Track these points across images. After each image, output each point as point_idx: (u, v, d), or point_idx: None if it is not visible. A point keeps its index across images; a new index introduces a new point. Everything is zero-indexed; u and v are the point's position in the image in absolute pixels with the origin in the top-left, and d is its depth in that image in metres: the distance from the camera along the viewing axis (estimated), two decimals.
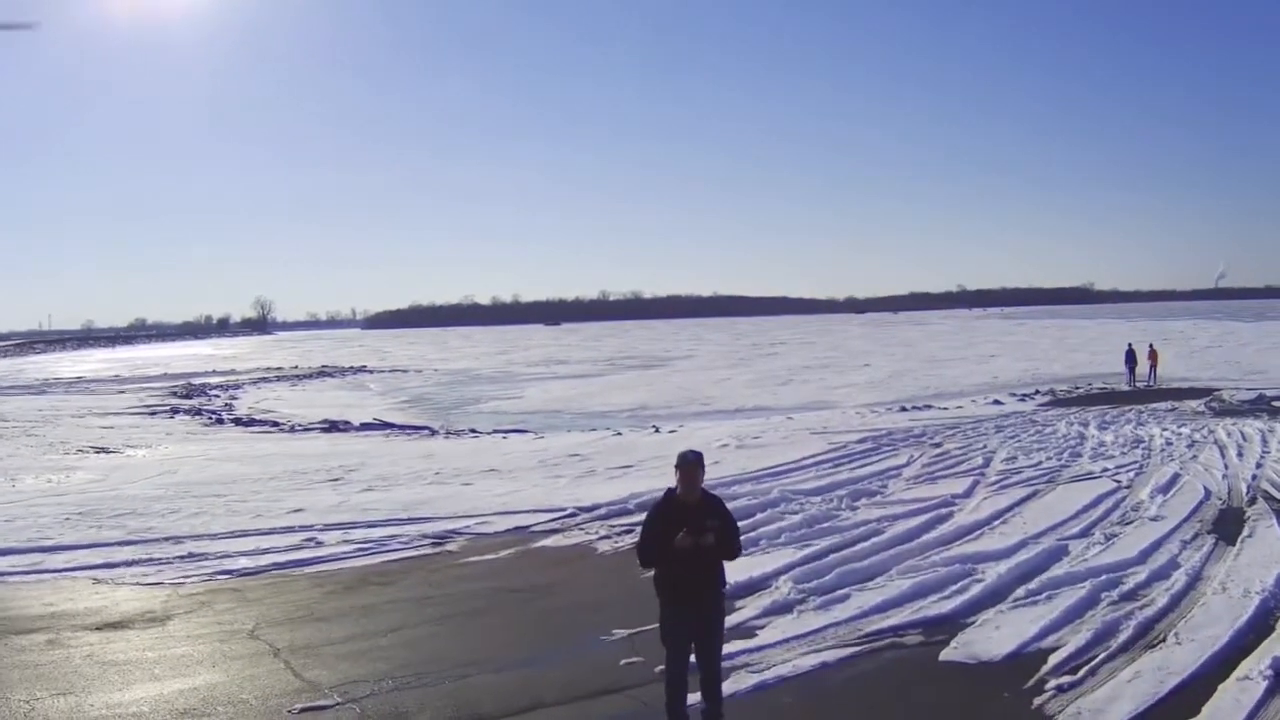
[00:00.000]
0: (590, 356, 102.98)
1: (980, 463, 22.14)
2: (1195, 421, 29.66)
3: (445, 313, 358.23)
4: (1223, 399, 35.83)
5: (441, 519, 17.29)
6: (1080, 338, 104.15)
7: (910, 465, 22.15)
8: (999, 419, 31.57)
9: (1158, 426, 28.29)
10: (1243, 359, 62.95)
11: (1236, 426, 27.63)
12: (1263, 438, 25.01)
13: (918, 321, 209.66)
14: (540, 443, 29.44)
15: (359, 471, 23.43)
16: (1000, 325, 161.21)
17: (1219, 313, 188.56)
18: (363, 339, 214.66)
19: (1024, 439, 26.22)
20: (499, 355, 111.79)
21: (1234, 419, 29.89)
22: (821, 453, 24.02)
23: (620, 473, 22.29)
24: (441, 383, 71.67)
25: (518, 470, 23.20)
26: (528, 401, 52.85)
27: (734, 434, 28.46)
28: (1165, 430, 27.24)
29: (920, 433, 27.74)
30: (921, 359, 76.85)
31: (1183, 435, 26.07)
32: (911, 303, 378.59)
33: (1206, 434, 26.23)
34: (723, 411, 43.42)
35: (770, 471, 21.45)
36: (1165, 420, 30.23)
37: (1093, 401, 37.94)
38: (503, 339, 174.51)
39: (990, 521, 16.22)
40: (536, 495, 19.49)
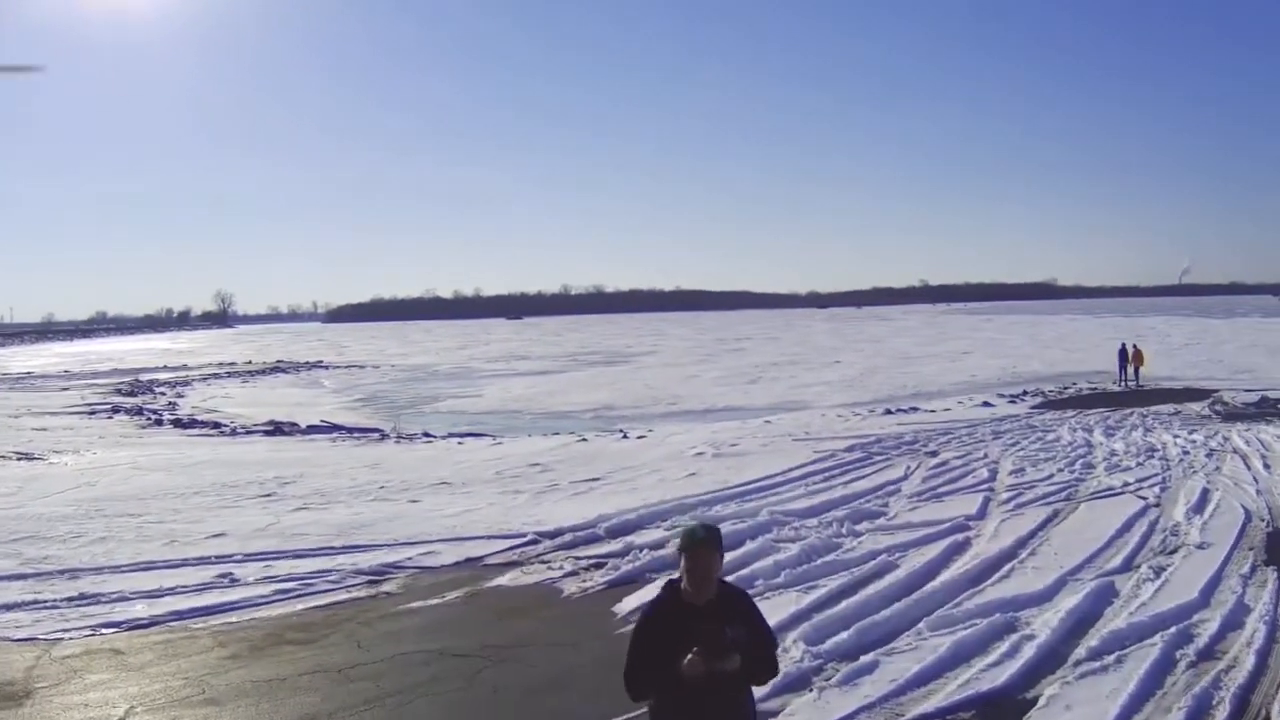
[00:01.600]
0: (551, 352, 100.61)
1: (986, 476, 20.08)
2: (1205, 427, 27.76)
3: (407, 306, 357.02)
4: (1225, 401, 34.38)
5: (381, 547, 14.92)
6: (1051, 334, 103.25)
7: (909, 479, 19.99)
8: (994, 423, 29.52)
9: (1167, 433, 26.27)
10: (1225, 357, 61.28)
11: (1252, 433, 25.75)
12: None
13: (881, 317, 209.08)
14: (498, 449, 27.01)
15: (295, 485, 20.96)
16: (967, 321, 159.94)
17: (1186, 309, 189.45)
18: (322, 333, 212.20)
19: (1027, 447, 24.19)
20: (459, 350, 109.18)
21: (1245, 424, 28.07)
22: (808, 463, 21.85)
23: (586, 487, 19.95)
24: (398, 379, 69.20)
25: (472, 483, 20.82)
26: (486, 400, 50.39)
27: (709, 441, 26.31)
28: (1177, 437, 25.28)
29: (912, 439, 25.59)
30: (892, 356, 74.92)
31: (1197, 443, 24.15)
32: (874, 297, 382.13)
33: (1222, 441, 24.35)
34: (691, 412, 41.36)
35: (755, 487, 19.18)
36: (1173, 425, 28.25)
37: (1087, 403, 35.92)
38: (463, 333, 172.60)
39: (1016, 551, 14.09)
40: (492, 516, 17.11)
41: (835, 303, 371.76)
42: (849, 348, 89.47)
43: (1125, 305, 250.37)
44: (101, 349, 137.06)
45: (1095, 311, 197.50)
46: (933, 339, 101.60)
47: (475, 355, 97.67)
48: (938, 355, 74.44)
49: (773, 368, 66.48)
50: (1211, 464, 21.00)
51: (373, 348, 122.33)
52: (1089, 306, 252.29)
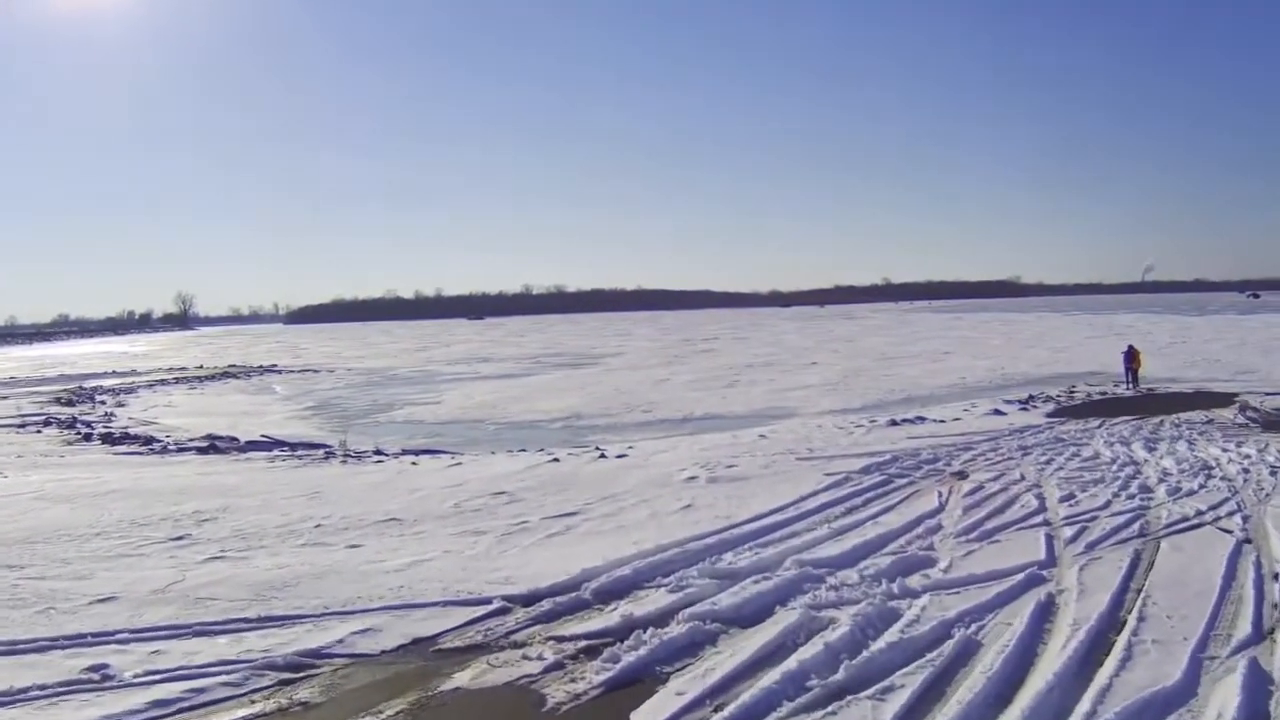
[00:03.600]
0: (514, 353, 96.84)
1: (1034, 505, 17.03)
2: (1249, 438, 24.97)
3: (368, 307, 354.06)
4: (1254, 407, 31.30)
5: (305, 620, 11.55)
6: (1028, 333, 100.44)
7: (946, 510, 16.97)
8: (1014, 436, 26.54)
9: (1215, 446, 23.35)
10: (1219, 356, 58.46)
11: None
12: None
13: (847, 315, 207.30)
14: (457, 471, 23.48)
15: (216, 523, 17.45)
16: (935, 319, 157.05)
17: (1156, 306, 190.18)
18: (282, 335, 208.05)
19: (1065, 465, 21.21)
20: (418, 352, 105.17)
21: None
22: (821, 489, 18.78)
23: (561, 525, 16.54)
24: (353, 384, 65.34)
25: (425, 519, 17.37)
26: (446, 407, 46.72)
27: (700, 460, 23.09)
28: (1227, 451, 22.44)
29: (931, 457, 22.56)
30: (871, 357, 71.63)
31: (1251, 458, 21.43)
32: (836, 296, 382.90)
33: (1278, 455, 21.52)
34: (669, 421, 38.11)
35: (766, 524, 16.03)
36: (1214, 436, 25.35)
37: (1106, 411, 32.78)
38: (424, 334, 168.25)
39: (1118, 616, 11.23)
40: (448, 569, 13.73)
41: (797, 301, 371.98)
42: (822, 348, 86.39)
43: (1092, 303, 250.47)
44: (57, 353, 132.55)
45: (1063, 309, 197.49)
46: (906, 338, 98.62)
47: (435, 358, 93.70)
48: (917, 355, 71.49)
49: (747, 370, 63.02)
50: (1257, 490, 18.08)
51: (330, 350, 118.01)
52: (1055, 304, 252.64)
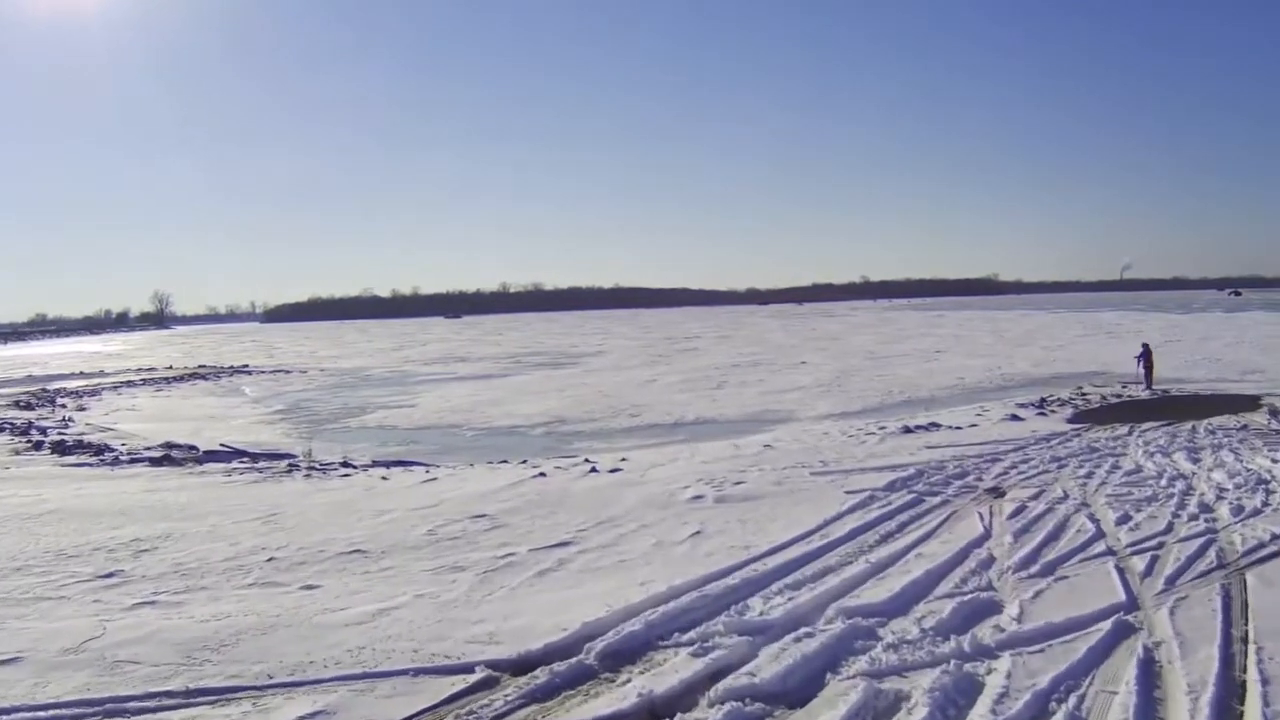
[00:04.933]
0: (492, 353, 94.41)
1: (1090, 529, 14.90)
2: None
3: (344, 305, 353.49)
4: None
5: (243, 694, 9.24)
6: (1016, 331, 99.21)
7: (993, 536, 14.81)
8: (1041, 445, 24.60)
9: (1262, 457, 21.33)
10: (1221, 356, 57.34)
11: None
12: None
13: (827, 313, 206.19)
14: (433, 488, 21.10)
15: (154, 554, 15.07)
16: (918, 317, 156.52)
17: (1140, 303, 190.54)
18: (257, 334, 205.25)
19: (1109, 480, 19.18)
20: (394, 352, 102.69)
21: None
22: (846, 511, 16.53)
23: (553, 561, 14.08)
24: (326, 386, 63.01)
25: (394, 551, 14.97)
26: (421, 411, 44.31)
27: (703, 475, 20.84)
28: (1277, 462, 20.33)
29: (958, 470, 20.51)
30: (860, 355, 69.95)
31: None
32: (814, 294, 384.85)
33: None
34: (659, 426, 36.04)
35: (791, 557, 13.73)
36: (1256, 445, 23.47)
37: (1129, 415, 30.76)
38: (400, 333, 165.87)
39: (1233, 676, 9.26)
40: (421, 620, 11.35)
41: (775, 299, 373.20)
42: (808, 346, 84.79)
43: (1072, 300, 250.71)
44: (29, 353, 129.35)
45: (1045, 307, 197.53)
46: (893, 336, 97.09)
47: (411, 357, 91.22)
48: (908, 354, 69.91)
49: (734, 370, 61.07)
50: None
51: (305, 350, 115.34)
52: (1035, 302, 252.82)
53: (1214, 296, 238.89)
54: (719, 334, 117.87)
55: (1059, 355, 63.13)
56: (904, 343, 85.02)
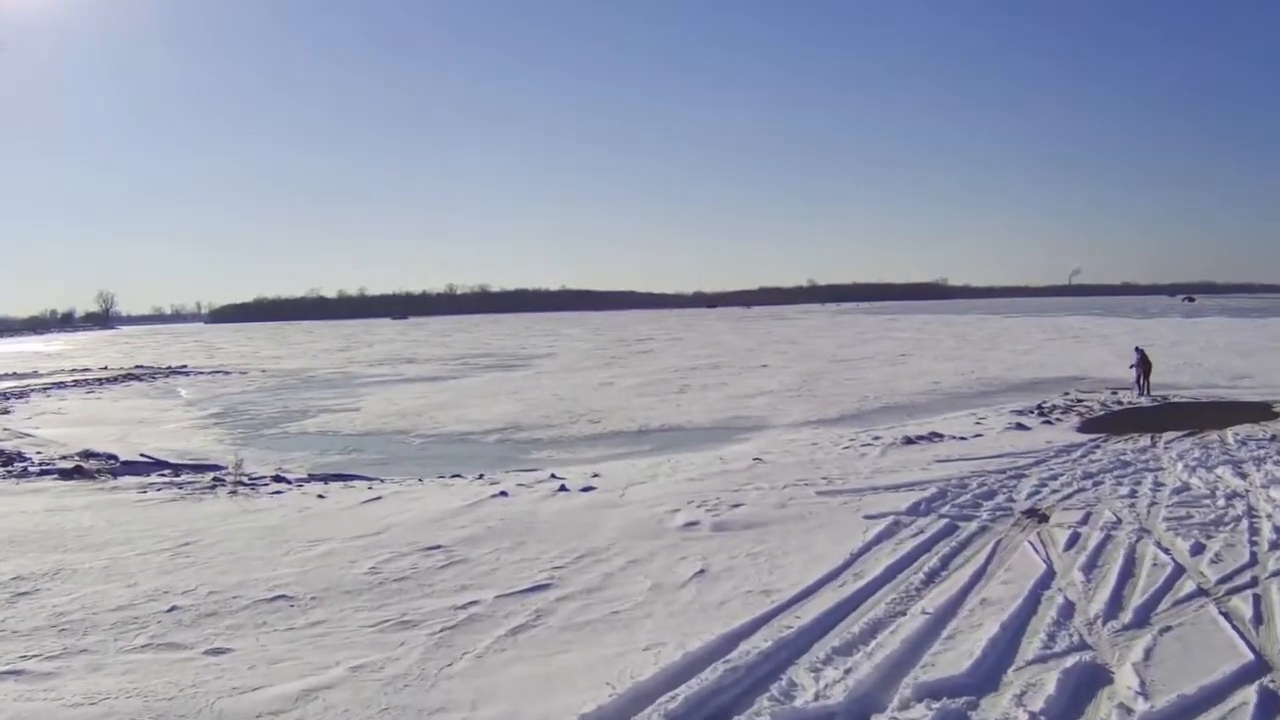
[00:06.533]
0: (440, 354, 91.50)
1: (1167, 563, 12.61)
2: None
3: (290, 306, 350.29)
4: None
5: None
6: (977, 335, 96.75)
7: (1060, 575, 12.27)
8: (1063, 457, 22.22)
9: None
10: (1201, 360, 55.41)
11: None
12: None
13: (778, 316, 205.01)
14: (376, 510, 18.05)
15: (35, 599, 12.07)
16: (873, 321, 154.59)
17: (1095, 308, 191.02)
18: (201, 334, 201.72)
19: (1157, 499, 16.96)
20: (339, 353, 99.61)
21: None
22: (872, 542, 13.98)
23: (530, 613, 11.12)
24: (266, 387, 59.91)
25: (328, 597, 12.00)
26: (366, 415, 41.32)
27: (691, 494, 18.10)
28: None
29: (984, 489, 18.03)
30: (822, 359, 67.37)
31: None
32: (762, 297, 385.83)
33: None
34: (623, 434, 33.30)
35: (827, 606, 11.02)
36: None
37: (1142, 424, 28.29)
38: (345, 334, 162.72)
39: None
40: (357, 710, 8.42)
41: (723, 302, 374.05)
42: (765, 349, 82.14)
43: (1024, 305, 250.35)
44: None
45: (999, 311, 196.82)
46: (850, 340, 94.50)
47: (356, 358, 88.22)
48: (872, 358, 67.45)
49: (693, 373, 58.36)
50: None
51: (247, 350, 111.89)
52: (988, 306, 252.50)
53: (1168, 302, 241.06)
54: (671, 336, 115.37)
55: (1030, 359, 61.21)
56: (864, 346, 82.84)
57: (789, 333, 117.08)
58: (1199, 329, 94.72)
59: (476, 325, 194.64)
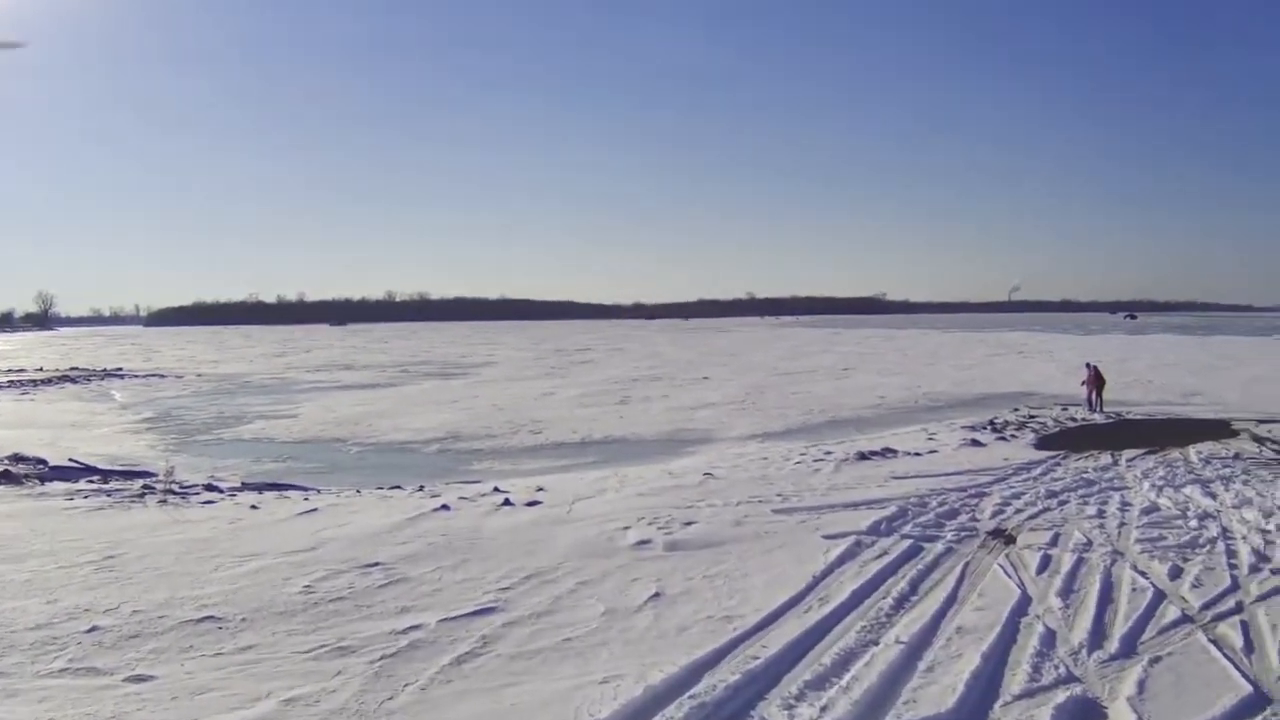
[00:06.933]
0: (379, 361, 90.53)
1: (1146, 588, 12.18)
2: None
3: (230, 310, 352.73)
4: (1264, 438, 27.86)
5: None
6: (920, 350, 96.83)
7: (1036, 600, 11.75)
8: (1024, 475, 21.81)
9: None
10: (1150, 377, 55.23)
11: None
12: None
13: (719, 328, 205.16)
14: (311, 523, 17.15)
15: None
16: (814, 334, 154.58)
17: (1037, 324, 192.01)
18: (139, 337, 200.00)
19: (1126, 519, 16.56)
20: (277, 358, 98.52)
21: None
22: (834, 564, 13.33)
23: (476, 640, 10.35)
24: (202, 392, 58.69)
25: (259, 619, 11.19)
26: (303, 422, 40.38)
27: (641, 510, 17.40)
28: None
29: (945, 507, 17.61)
30: (765, 372, 66.81)
31: None
32: (701, 309, 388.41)
33: None
34: (566, 445, 32.59)
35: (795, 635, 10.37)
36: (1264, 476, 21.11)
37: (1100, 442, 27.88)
38: (284, 339, 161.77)
39: None
40: None
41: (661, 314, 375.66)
42: (707, 361, 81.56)
43: (965, 320, 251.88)
44: None
45: (938, 325, 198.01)
46: (792, 353, 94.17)
47: (294, 364, 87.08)
48: (815, 371, 67.11)
49: (635, 384, 57.69)
50: None
51: (185, 354, 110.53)
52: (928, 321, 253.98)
53: (1109, 319, 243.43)
54: (611, 347, 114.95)
55: (975, 374, 61.01)
56: (806, 359, 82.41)
57: (729, 345, 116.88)
58: (1145, 346, 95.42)
59: (416, 333, 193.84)
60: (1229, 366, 64.79)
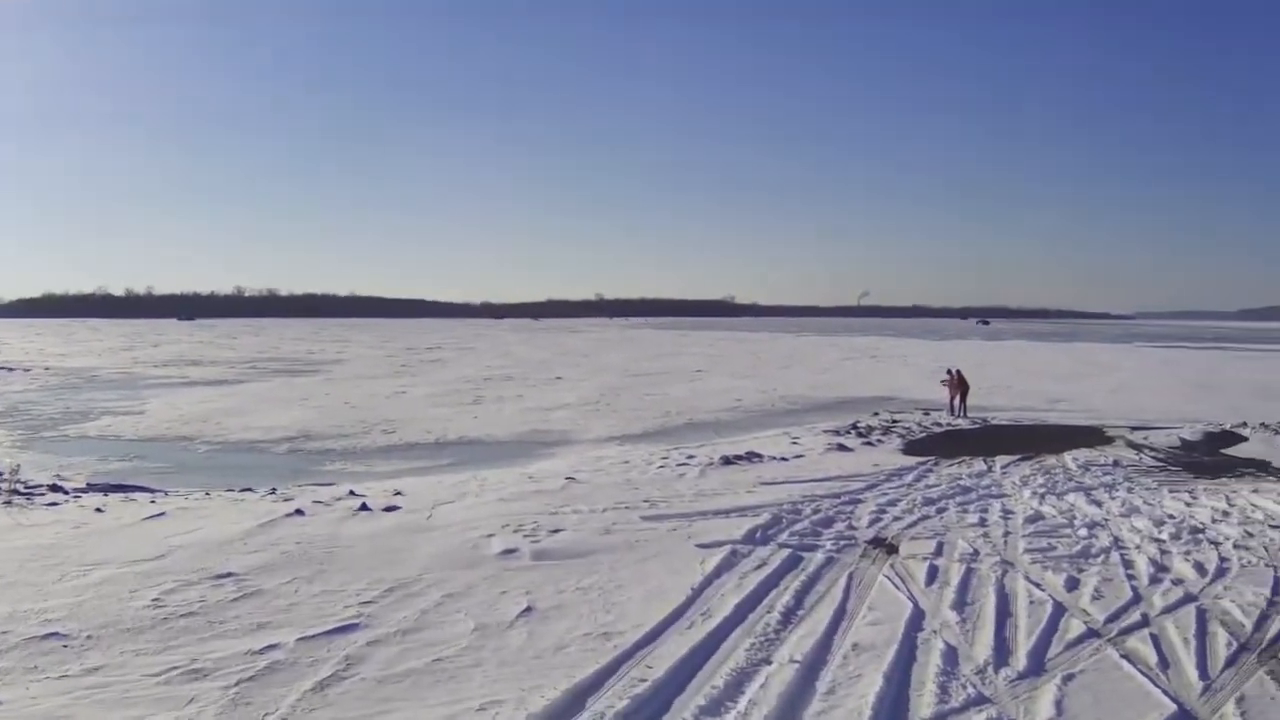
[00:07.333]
0: (228, 356, 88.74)
1: (1045, 600, 11.81)
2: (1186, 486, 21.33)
3: (78, 302, 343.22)
4: (1151, 446, 28.21)
5: None
6: (773, 353, 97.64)
7: (930, 614, 11.27)
8: (896, 482, 21.68)
9: (1172, 499, 19.41)
10: (1011, 383, 56.23)
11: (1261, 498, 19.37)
12: None
13: (569, 328, 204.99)
14: (159, 529, 16.07)
15: None
16: (664, 336, 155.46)
17: (888, 330, 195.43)
18: None
19: (1012, 529, 16.27)
20: (125, 352, 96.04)
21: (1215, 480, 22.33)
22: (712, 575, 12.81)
23: (339, 661, 9.51)
24: (49, 386, 56.72)
25: (106, 636, 10.20)
26: (151, 419, 39.08)
27: (505, 516, 16.72)
28: (1191, 505, 18.61)
29: (820, 514, 17.17)
30: (618, 373, 66.74)
31: (1231, 517, 17.38)
32: (550, 309, 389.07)
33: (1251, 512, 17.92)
34: (420, 445, 32.02)
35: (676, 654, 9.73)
36: (1145, 483, 21.57)
37: (972, 447, 28.04)
38: (132, 333, 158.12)
39: None
40: None
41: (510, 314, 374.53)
42: (559, 361, 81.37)
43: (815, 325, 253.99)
44: None
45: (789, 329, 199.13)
46: (645, 354, 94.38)
47: (141, 359, 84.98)
48: (669, 373, 66.93)
49: (487, 384, 57.24)
50: None
51: (33, 346, 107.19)
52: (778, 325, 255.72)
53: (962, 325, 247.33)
54: (461, 346, 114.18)
55: (830, 378, 61.38)
56: (659, 361, 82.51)
57: (581, 345, 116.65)
58: (1001, 352, 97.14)
59: (265, 329, 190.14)
60: (1093, 373, 66.25)
